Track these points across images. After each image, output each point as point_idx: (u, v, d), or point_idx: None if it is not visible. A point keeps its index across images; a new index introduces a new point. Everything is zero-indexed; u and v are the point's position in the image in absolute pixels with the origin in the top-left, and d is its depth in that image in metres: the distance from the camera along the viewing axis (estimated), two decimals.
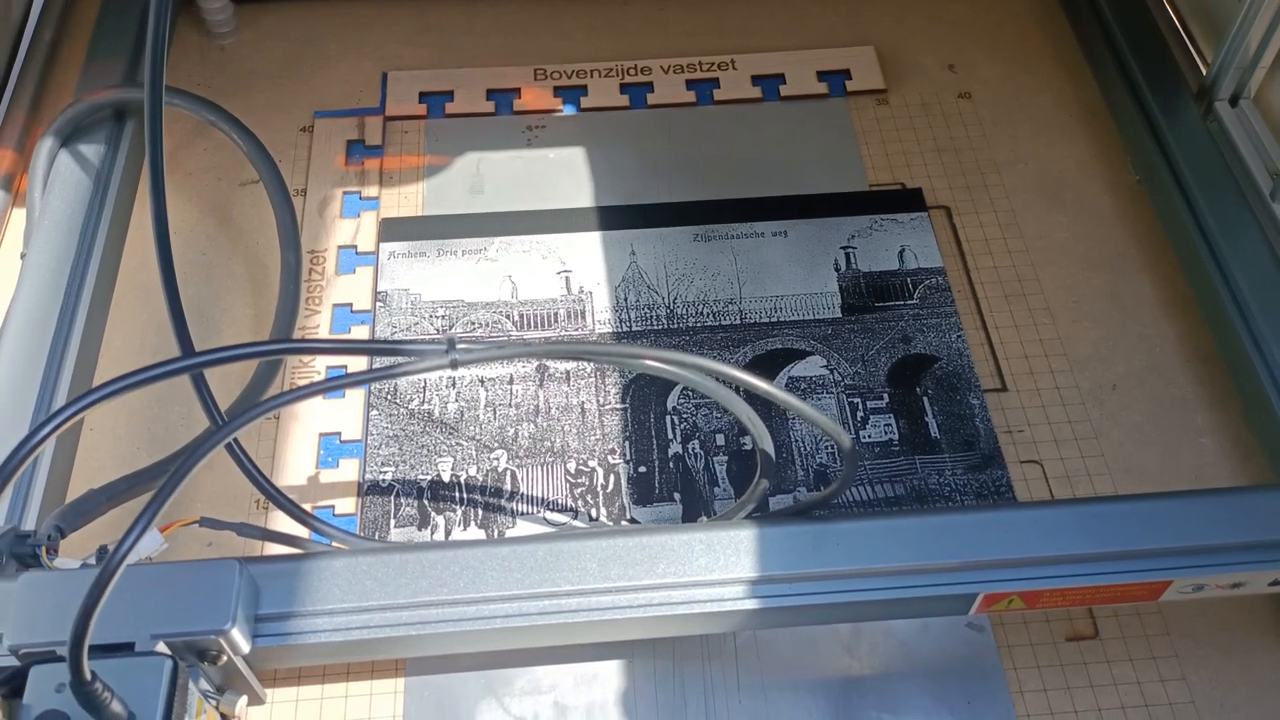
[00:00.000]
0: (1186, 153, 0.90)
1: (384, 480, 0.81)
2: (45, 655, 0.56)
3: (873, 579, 0.63)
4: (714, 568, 0.64)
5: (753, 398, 0.69)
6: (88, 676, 0.50)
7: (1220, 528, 0.64)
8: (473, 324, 0.90)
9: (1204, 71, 0.96)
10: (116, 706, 0.52)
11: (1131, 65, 0.96)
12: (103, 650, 0.57)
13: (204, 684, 0.61)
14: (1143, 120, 0.94)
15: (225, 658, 0.60)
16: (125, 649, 0.57)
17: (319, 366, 0.87)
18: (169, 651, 0.57)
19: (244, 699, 0.63)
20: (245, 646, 0.60)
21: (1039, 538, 0.64)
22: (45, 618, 0.57)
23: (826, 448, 0.83)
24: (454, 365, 0.57)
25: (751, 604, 0.63)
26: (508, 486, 0.81)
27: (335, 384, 0.59)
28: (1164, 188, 0.90)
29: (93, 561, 0.63)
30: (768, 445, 0.66)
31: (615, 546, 0.65)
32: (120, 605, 0.58)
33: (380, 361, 0.60)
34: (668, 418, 0.85)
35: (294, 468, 0.82)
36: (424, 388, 0.86)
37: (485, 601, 0.63)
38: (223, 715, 0.62)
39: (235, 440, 0.70)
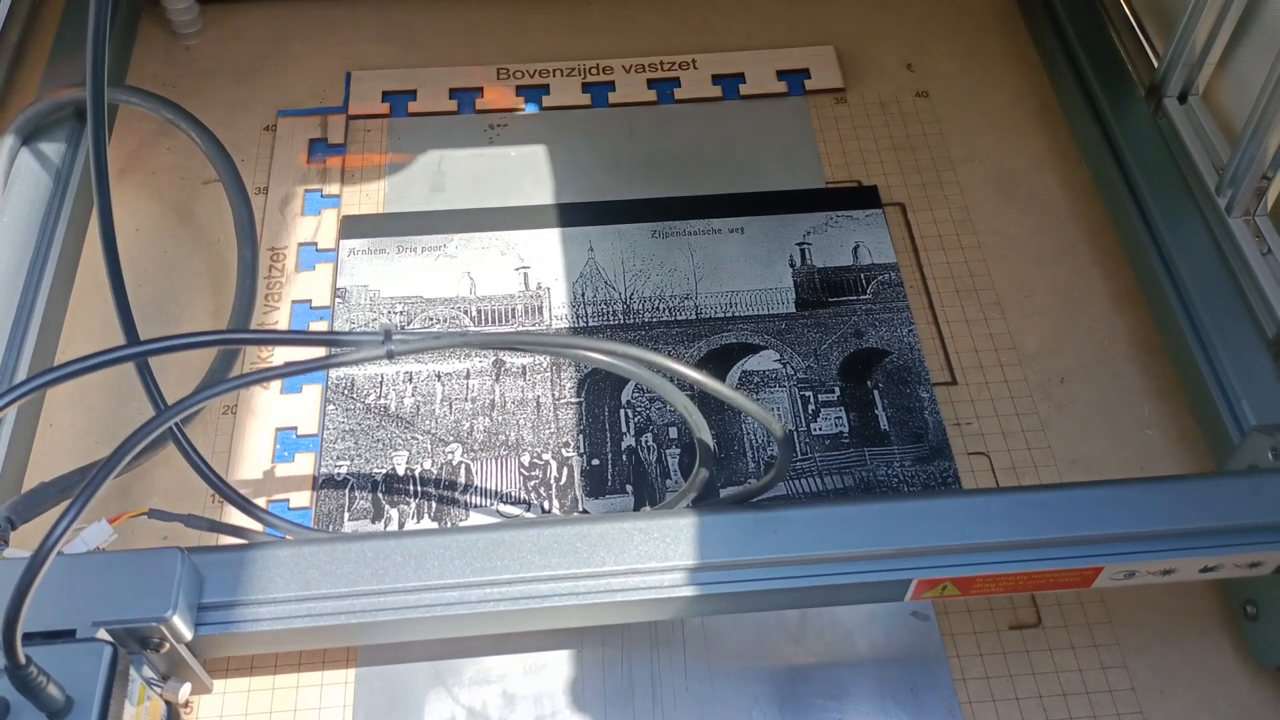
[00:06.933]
0: (1135, 149, 0.91)
1: (339, 474, 0.82)
2: None
3: (807, 565, 0.64)
4: (652, 555, 0.65)
5: (698, 390, 0.70)
6: (22, 660, 0.51)
7: (1149, 515, 0.65)
8: (431, 319, 0.91)
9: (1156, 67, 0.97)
10: (53, 690, 0.53)
11: (1083, 63, 0.98)
12: (44, 637, 0.58)
13: (148, 671, 0.62)
14: (1093, 117, 0.95)
15: (168, 645, 0.61)
16: (67, 635, 0.58)
17: (279, 361, 0.88)
18: (110, 638, 0.58)
19: (188, 686, 0.64)
20: (187, 634, 0.61)
21: (971, 525, 0.65)
22: None
23: None
24: (390, 355, 0.58)
25: (689, 590, 0.64)
26: (462, 479, 0.82)
27: (274, 373, 0.60)
28: (1113, 184, 0.91)
29: None
30: (705, 435, 0.67)
31: (556, 535, 0.66)
32: (62, 593, 0.59)
33: (319, 352, 0.61)
34: (622, 411, 0.86)
35: (250, 462, 0.83)
36: (380, 383, 0.87)
37: (428, 590, 0.64)
38: (167, 703, 0.63)
39: (183, 435, 0.71)
